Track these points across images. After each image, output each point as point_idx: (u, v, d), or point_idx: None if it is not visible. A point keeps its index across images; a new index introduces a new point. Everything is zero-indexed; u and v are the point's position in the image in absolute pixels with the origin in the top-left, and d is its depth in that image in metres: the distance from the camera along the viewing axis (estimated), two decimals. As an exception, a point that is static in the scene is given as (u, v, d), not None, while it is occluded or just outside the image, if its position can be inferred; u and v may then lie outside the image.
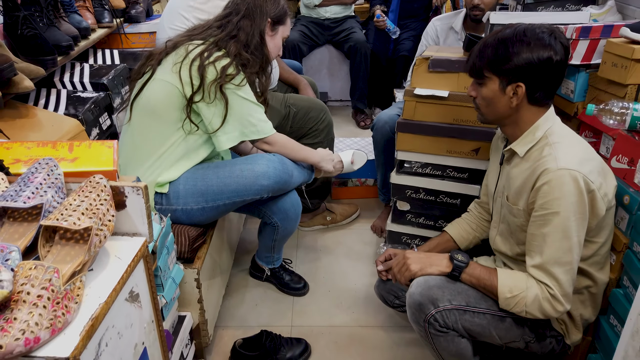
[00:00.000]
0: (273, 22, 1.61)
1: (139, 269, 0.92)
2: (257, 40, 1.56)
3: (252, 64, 1.55)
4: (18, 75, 1.38)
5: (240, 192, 1.58)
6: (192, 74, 1.45)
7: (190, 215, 1.60)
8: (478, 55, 1.26)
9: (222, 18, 1.59)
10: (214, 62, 1.46)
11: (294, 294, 1.99)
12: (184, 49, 1.50)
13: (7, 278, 0.68)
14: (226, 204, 1.60)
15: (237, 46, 1.52)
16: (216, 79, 1.45)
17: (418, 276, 1.32)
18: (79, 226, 0.79)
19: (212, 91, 1.46)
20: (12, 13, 1.58)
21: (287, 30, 1.68)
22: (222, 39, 1.53)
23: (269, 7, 1.59)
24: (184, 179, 1.57)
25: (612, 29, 1.52)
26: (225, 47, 1.51)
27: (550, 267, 1.21)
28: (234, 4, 1.60)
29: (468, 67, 1.30)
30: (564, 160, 1.19)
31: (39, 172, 0.89)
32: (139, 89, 1.53)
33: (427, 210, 1.97)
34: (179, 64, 1.47)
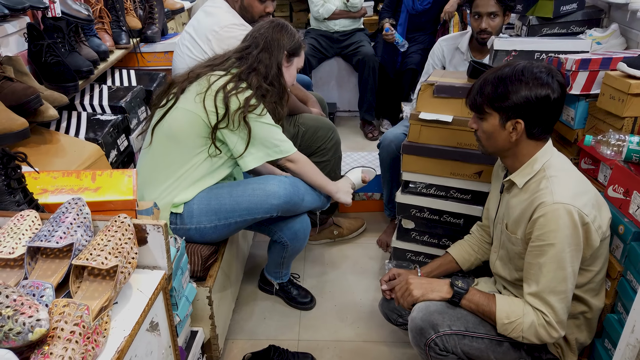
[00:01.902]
0: (289, 54, 1.70)
1: (159, 300, 1.00)
2: (274, 71, 1.66)
3: (271, 94, 1.65)
4: (44, 105, 1.46)
5: (252, 210, 1.66)
6: (217, 104, 1.55)
7: (203, 233, 1.68)
8: (478, 92, 1.32)
9: (241, 50, 1.68)
10: (237, 94, 1.56)
11: (301, 308, 2.07)
12: (206, 80, 1.59)
13: (45, 317, 0.76)
14: (237, 222, 1.68)
15: (258, 78, 1.62)
16: (239, 108, 1.55)
17: (420, 301, 1.38)
18: (106, 265, 0.87)
19: (236, 120, 1.56)
20: (36, 42, 1.67)
21: (301, 62, 1.77)
22: (243, 71, 1.62)
23: (286, 41, 1.68)
24: (198, 198, 1.65)
25: (610, 61, 1.57)
26: (246, 79, 1.61)
27: (545, 295, 1.27)
28: (253, 37, 1.69)
29: (469, 103, 1.37)
30: (560, 194, 1.25)
31: (69, 212, 0.97)
32: (161, 116, 1.62)
33: (431, 229, 2.03)
34: (202, 94, 1.56)
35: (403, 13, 3.43)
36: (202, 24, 2.03)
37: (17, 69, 1.52)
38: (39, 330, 0.75)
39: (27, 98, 1.41)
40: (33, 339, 0.75)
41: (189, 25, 2.12)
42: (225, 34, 1.97)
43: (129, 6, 2.35)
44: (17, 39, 1.70)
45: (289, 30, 1.72)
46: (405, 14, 3.42)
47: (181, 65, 2.09)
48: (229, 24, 1.98)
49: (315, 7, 3.53)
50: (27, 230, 0.96)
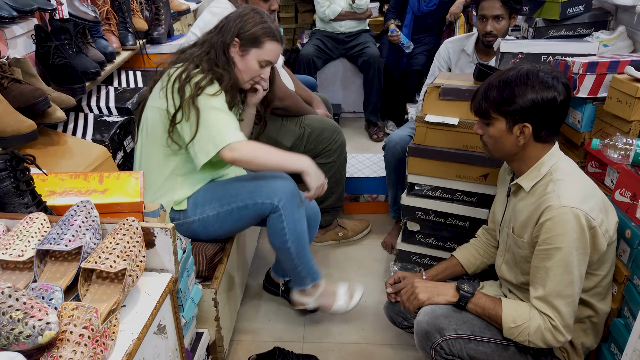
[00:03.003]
0: (243, 41, 1.59)
1: (166, 303, 1.01)
2: (222, 57, 1.57)
3: (225, 79, 1.56)
4: (52, 107, 1.47)
5: (255, 192, 1.61)
6: (174, 95, 1.53)
7: (207, 224, 1.66)
8: (483, 97, 1.32)
9: (206, 34, 1.65)
10: (190, 80, 1.52)
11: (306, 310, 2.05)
12: (166, 75, 1.58)
13: (54, 320, 0.77)
14: (239, 208, 1.62)
15: (210, 63, 1.56)
16: (192, 95, 1.51)
17: (426, 305, 1.38)
18: (115, 268, 0.87)
19: (189, 107, 1.50)
20: (44, 43, 1.68)
21: (265, 55, 1.61)
22: (198, 55, 1.59)
23: (240, 25, 1.58)
24: (204, 188, 1.66)
25: (617, 64, 1.57)
26: (199, 63, 1.57)
27: (552, 299, 1.27)
28: (221, 21, 1.65)
29: (474, 108, 1.36)
30: (567, 198, 1.25)
31: (78, 215, 0.97)
32: (139, 116, 1.65)
33: (436, 232, 2.03)
34: (164, 89, 1.55)
35: (409, 14, 3.43)
36: (208, 25, 2.03)
37: (25, 70, 1.53)
38: (48, 333, 0.75)
39: (35, 100, 1.41)
40: (43, 342, 0.75)
41: (195, 25, 2.12)
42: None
43: (136, 7, 2.36)
44: (25, 41, 1.71)
45: (252, 17, 1.60)
46: (411, 15, 3.42)
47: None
48: None
49: (321, 8, 3.53)
50: (36, 233, 0.96)
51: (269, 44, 1.60)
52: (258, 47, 1.59)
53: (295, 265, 1.78)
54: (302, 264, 1.78)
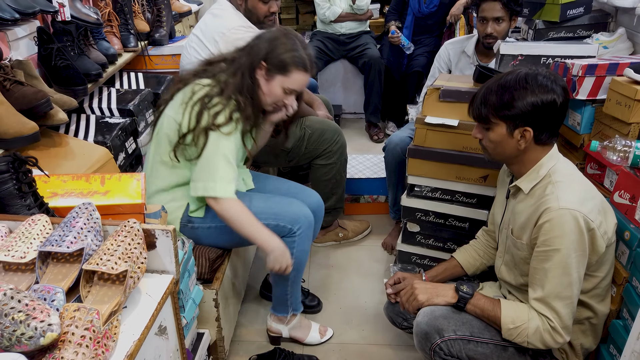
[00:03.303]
0: (269, 66, 1.53)
1: (167, 304, 1.02)
2: (248, 80, 1.53)
3: (245, 109, 1.52)
4: (54, 108, 1.48)
5: (279, 215, 1.66)
6: (191, 116, 1.50)
7: (221, 233, 1.66)
8: (482, 102, 1.32)
9: (235, 52, 1.61)
10: (210, 108, 1.50)
11: (308, 312, 2.06)
12: (190, 89, 1.55)
13: (56, 322, 0.78)
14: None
15: (233, 87, 1.52)
16: (207, 126, 1.49)
17: (425, 306, 1.39)
18: (116, 270, 0.88)
19: (200, 135, 1.50)
20: (46, 45, 1.69)
21: (291, 84, 1.55)
22: (225, 76, 1.55)
23: (269, 48, 1.53)
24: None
25: (617, 67, 1.57)
26: (225, 89, 1.52)
27: (551, 300, 1.27)
28: (253, 39, 1.60)
29: (474, 114, 1.37)
30: (565, 199, 1.25)
31: (80, 217, 0.98)
32: (155, 121, 1.64)
33: (436, 233, 2.03)
34: (184, 104, 1.53)
35: (409, 16, 3.44)
36: (210, 26, 2.05)
37: (28, 72, 1.54)
38: (50, 334, 0.76)
39: (38, 102, 1.42)
40: (45, 344, 0.76)
41: (197, 27, 2.13)
42: (232, 36, 1.98)
43: (137, 9, 2.37)
44: (27, 43, 1.72)
45: (283, 43, 1.53)
46: (412, 16, 3.43)
47: (189, 67, 2.10)
48: (236, 26, 2.00)
49: (321, 9, 3.54)
50: (38, 235, 0.97)
51: (296, 73, 1.54)
52: (284, 74, 1.53)
53: (286, 292, 1.82)
54: (292, 292, 1.83)
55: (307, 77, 1.58)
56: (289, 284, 1.80)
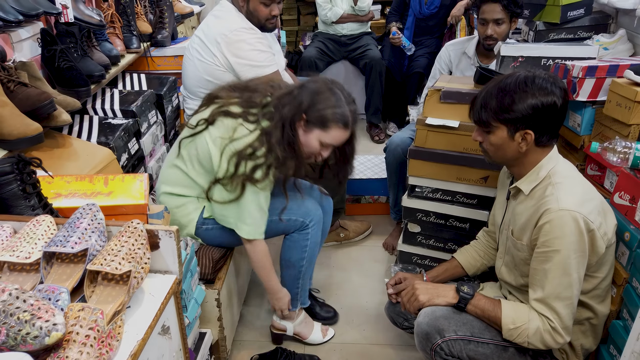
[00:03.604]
0: (309, 118, 1.51)
1: (170, 304, 1.03)
2: (288, 132, 1.50)
3: (283, 163, 1.52)
4: (57, 110, 1.49)
5: (291, 210, 1.69)
6: (229, 164, 1.52)
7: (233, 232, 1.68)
8: (482, 106, 1.33)
9: (282, 97, 1.55)
10: (248, 160, 1.51)
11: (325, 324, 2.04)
12: (232, 129, 1.52)
13: (61, 321, 0.79)
14: (271, 221, 1.67)
15: (275, 139, 1.50)
16: (244, 175, 1.51)
17: (426, 306, 1.40)
18: (120, 270, 0.89)
19: (237, 183, 1.53)
20: (50, 47, 1.70)
21: (328, 139, 1.53)
22: (267, 130, 1.52)
23: (311, 102, 1.50)
24: None
25: (617, 68, 1.58)
26: (267, 141, 1.51)
27: (551, 301, 1.28)
28: (299, 87, 1.55)
29: (474, 118, 1.37)
30: (565, 201, 1.26)
31: (84, 217, 0.99)
32: (189, 135, 1.61)
33: (437, 233, 2.04)
34: (223, 146, 1.52)
35: (410, 17, 3.45)
36: (212, 28, 2.06)
37: (31, 74, 1.55)
38: (55, 334, 0.77)
39: (41, 103, 1.43)
40: (49, 343, 0.77)
41: (199, 29, 2.14)
42: (234, 38, 1.99)
43: (140, 11, 2.38)
44: (31, 44, 1.73)
45: (326, 98, 1.49)
46: (412, 17, 3.44)
47: (191, 69, 2.12)
48: (238, 28, 2.01)
49: (323, 10, 3.55)
50: (43, 235, 0.98)
51: (335, 130, 1.52)
52: (323, 129, 1.51)
53: (297, 285, 1.84)
54: (302, 285, 1.85)
55: (346, 134, 1.55)
56: (301, 277, 1.83)
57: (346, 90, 1.57)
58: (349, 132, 1.57)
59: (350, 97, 1.56)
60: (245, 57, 2.03)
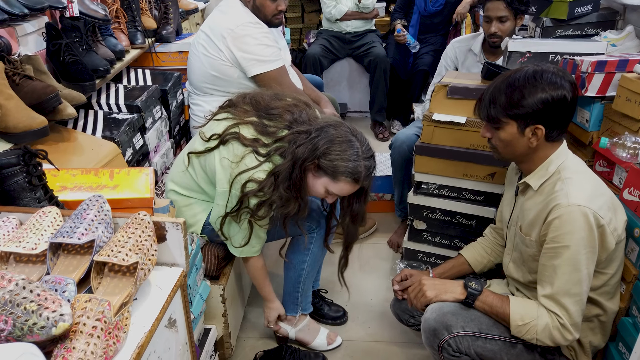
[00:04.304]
0: (321, 164, 1.45)
1: (177, 297, 1.02)
2: (297, 174, 1.46)
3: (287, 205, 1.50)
4: (62, 103, 1.48)
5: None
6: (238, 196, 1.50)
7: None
8: (491, 102, 1.31)
9: (299, 133, 1.49)
10: (254, 197, 1.49)
11: (333, 324, 2.02)
12: (244, 164, 1.49)
13: (68, 312, 0.78)
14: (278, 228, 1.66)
15: (282, 179, 1.47)
16: (247, 213, 1.52)
17: (433, 302, 1.39)
18: (127, 262, 0.88)
19: (242, 216, 1.54)
20: (55, 41, 1.69)
21: (335, 189, 1.49)
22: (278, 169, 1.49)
23: (326, 149, 1.44)
24: None
25: (627, 63, 1.56)
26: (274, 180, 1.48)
27: (560, 297, 1.27)
28: (317, 129, 1.48)
29: (483, 115, 1.36)
30: (575, 196, 1.25)
31: (90, 208, 0.98)
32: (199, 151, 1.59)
33: (443, 230, 2.03)
34: (231, 176, 1.49)
35: (415, 14, 3.43)
36: (217, 23, 2.05)
37: (37, 67, 1.54)
38: (62, 324, 0.76)
39: (47, 96, 1.43)
40: (56, 334, 0.76)
41: (205, 24, 2.13)
42: (240, 32, 1.98)
43: (145, 6, 2.37)
44: (36, 39, 1.73)
45: (343, 149, 1.43)
46: (417, 15, 3.42)
47: (197, 64, 2.11)
48: (245, 22, 2.00)
49: (327, 8, 3.53)
50: (49, 227, 0.97)
51: (343, 183, 1.47)
52: (332, 178, 1.47)
53: (298, 289, 1.82)
54: (304, 290, 1.84)
55: (355, 188, 1.51)
56: (302, 281, 1.80)
57: (366, 144, 1.49)
58: (359, 186, 1.51)
59: (370, 152, 1.49)
60: (252, 52, 2.02)
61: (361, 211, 1.64)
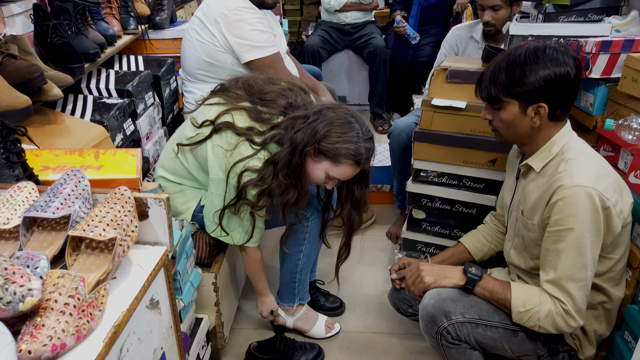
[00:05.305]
0: (320, 148, 1.40)
1: (160, 277, 0.96)
2: (297, 159, 1.41)
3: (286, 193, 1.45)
4: (48, 83, 1.43)
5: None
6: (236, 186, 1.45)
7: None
8: (491, 81, 1.25)
9: (296, 118, 1.44)
10: (253, 187, 1.45)
11: (331, 315, 1.96)
12: (238, 152, 1.43)
13: (37, 287, 0.72)
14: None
15: (282, 165, 1.42)
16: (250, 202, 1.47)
17: (431, 288, 1.33)
18: (104, 237, 0.83)
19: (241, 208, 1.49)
20: (42, 22, 1.64)
21: (336, 173, 1.44)
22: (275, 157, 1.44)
23: (326, 132, 1.39)
24: None
25: (633, 43, 1.51)
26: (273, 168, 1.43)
27: (564, 282, 1.21)
28: (315, 112, 1.43)
29: (483, 94, 1.30)
30: (580, 177, 1.19)
31: (67, 183, 0.93)
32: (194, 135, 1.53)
33: (442, 219, 1.98)
34: (227, 167, 1.44)
35: (415, 5, 3.38)
36: (211, 7, 2.00)
37: (22, 48, 1.49)
38: (30, 300, 0.71)
39: (31, 75, 1.37)
40: (24, 309, 0.71)
41: (199, 10, 2.08)
42: (234, 17, 1.93)
43: (138, -8, 2.32)
44: (23, 20, 1.68)
45: (344, 131, 1.39)
46: (417, 6, 3.38)
47: (190, 51, 2.06)
48: (238, 7, 1.95)
49: (326, -1, 3.49)
50: (24, 202, 0.92)
51: (345, 166, 1.43)
52: (333, 162, 1.42)
53: (295, 279, 1.77)
54: (301, 279, 1.78)
55: (356, 171, 1.46)
56: (298, 271, 1.75)
57: (365, 126, 1.45)
58: (359, 169, 1.47)
59: (369, 134, 1.46)
60: (245, 38, 1.97)
61: (363, 197, 1.60)
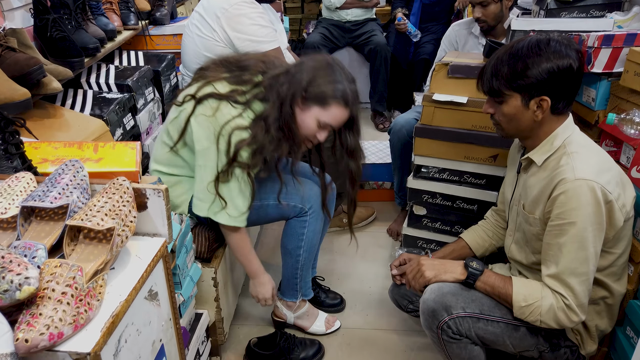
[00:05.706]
0: (308, 95, 1.40)
1: (159, 268, 0.96)
2: (288, 110, 1.41)
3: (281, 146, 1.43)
4: (47, 77, 1.43)
5: (290, 195, 1.61)
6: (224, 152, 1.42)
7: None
8: (493, 74, 1.24)
9: (278, 75, 1.45)
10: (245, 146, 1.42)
11: (331, 311, 1.96)
12: (221, 114, 1.41)
13: (34, 275, 0.72)
14: (270, 205, 1.61)
15: (273, 119, 1.41)
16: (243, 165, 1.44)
17: (432, 283, 1.32)
18: (102, 227, 0.82)
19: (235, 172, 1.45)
20: (42, 16, 1.64)
21: (327, 117, 1.42)
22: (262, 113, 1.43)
23: (310, 78, 1.39)
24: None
25: (635, 37, 1.50)
26: (263, 121, 1.42)
27: (565, 277, 1.20)
28: (296, 65, 1.45)
29: (485, 88, 1.29)
30: (582, 170, 1.18)
31: (66, 173, 0.93)
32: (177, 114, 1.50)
33: (443, 216, 1.97)
34: (217, 130, 1.41)
35: (416, 3, 3.37)
36: (212, 3, 2.00)
37: (21, 41, 1.49)
38: (27, 288, 0.70)
39: (30, 68, 1.37)
40: (21, 298, 0.71)
41: (199, 5, 2.08)
42: (234, 12, 1.93)
43: (138, -12, 2.32)
44: (23, 14, 1.68)
45: (326, 74, 1.40)
46: (419, 3, 3.37)
47: (190, 46, 2.06)
48: (239, 1, 1.94)
49: (327, -4, 3.48)
50: (22, 192, 0.92)
51: (335, 108, 1.41)
52: (322, 106, 1.41)
53: (296, 275, 1.75)
54: (302, 275, 1.77)
55: (346, 113, 1.45)
56: (300, 267, 1.74)
57: (347, 70, 1.46)
58: (349, 112, 1.46)
59: (351, 76, 1.47)
60: (246, 32, 1.96)
61: (357, 144, 1.59)
